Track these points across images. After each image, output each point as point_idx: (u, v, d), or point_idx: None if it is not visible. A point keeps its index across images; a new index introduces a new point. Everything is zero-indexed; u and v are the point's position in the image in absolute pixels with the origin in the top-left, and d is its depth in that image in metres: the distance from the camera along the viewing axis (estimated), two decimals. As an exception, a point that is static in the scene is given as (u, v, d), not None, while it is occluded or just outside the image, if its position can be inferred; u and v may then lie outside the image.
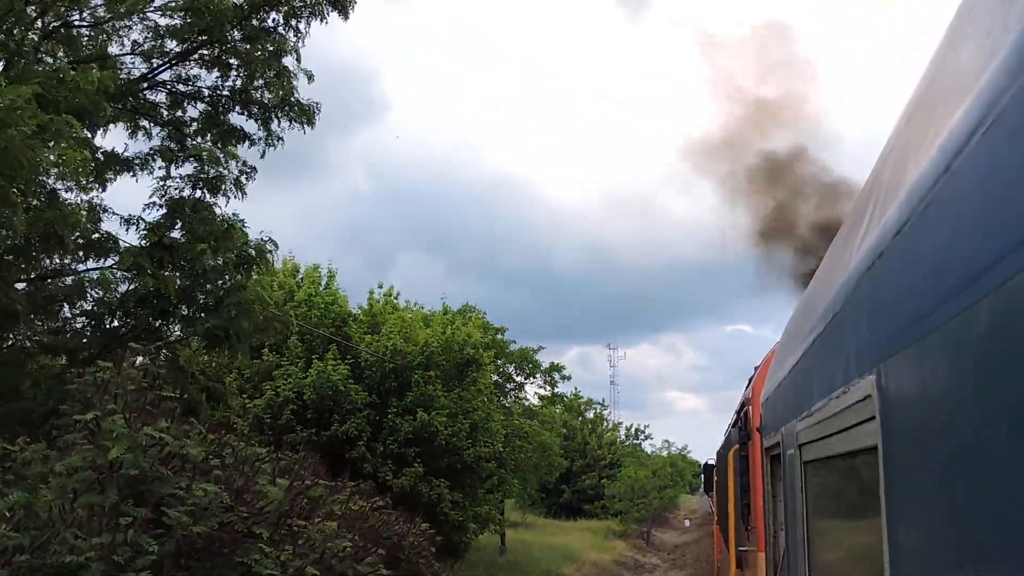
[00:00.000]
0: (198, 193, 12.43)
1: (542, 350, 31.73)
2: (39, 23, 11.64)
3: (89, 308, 12.54)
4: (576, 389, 58.69)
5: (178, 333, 13.06)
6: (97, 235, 12.31)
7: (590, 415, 54.50)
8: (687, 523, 47.06)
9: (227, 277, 12.47)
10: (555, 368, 32.60)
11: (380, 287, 23.93)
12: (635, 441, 56.98)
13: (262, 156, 13.55)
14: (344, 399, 19.17)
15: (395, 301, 23.29)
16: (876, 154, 2.58)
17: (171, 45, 13.12)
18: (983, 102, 1.35)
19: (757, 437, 7.10)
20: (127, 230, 12.51)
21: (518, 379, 31.76)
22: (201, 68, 13.43)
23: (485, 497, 22.51)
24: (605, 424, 56.20)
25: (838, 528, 3.22)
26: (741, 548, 8.97)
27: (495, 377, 29.37)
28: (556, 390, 33.26)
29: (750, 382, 9.58)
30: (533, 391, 32.31)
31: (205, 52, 13.14)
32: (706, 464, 22.16)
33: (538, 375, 31.83)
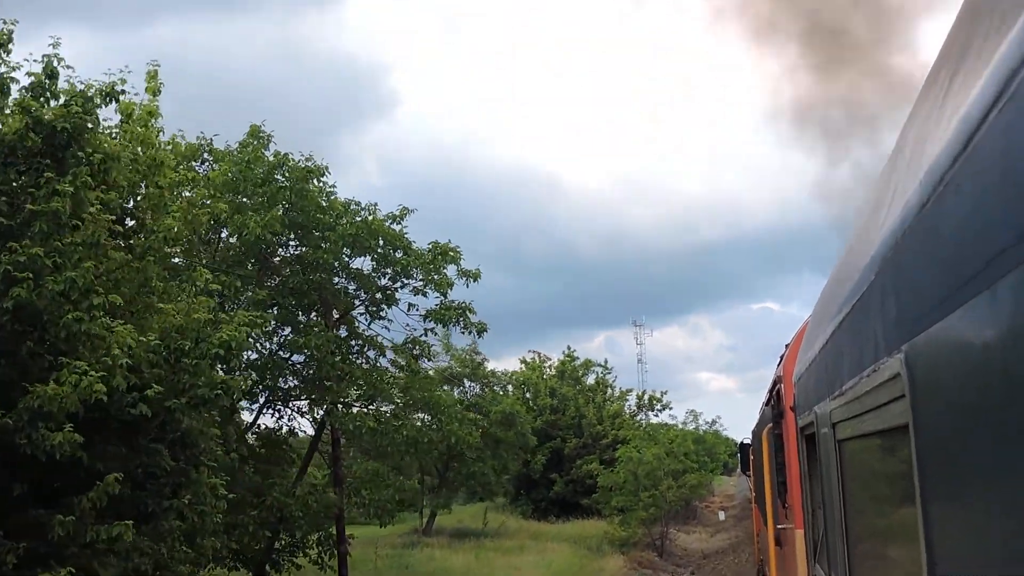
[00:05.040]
0: None
1: (410, 214, 17.50)
2: None
3: None
4: (569, 348, 44.98)
5: None
6: None
7: (590, 380, 41.90)
8: (721, 515, 36.84)
9: None
10: (447, 254, 17.43)
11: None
12: (650, 413, 43.26)
13: None
14: None
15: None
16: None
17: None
18: (1002, 75, 1.33)
19: (790, 416, 7.06)
20: None
21: (382, 283, 17.68)
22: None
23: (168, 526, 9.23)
24: (609, 392, 42.39)
25: (874, 506, 3.20)
26: (779, 526, 8.94)
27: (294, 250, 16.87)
28: (450, 298, 17.77)
29: (781, 360, 9.53)
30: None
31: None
32: (742, 443, 22.02)
33: (417, 270, 17.39)
